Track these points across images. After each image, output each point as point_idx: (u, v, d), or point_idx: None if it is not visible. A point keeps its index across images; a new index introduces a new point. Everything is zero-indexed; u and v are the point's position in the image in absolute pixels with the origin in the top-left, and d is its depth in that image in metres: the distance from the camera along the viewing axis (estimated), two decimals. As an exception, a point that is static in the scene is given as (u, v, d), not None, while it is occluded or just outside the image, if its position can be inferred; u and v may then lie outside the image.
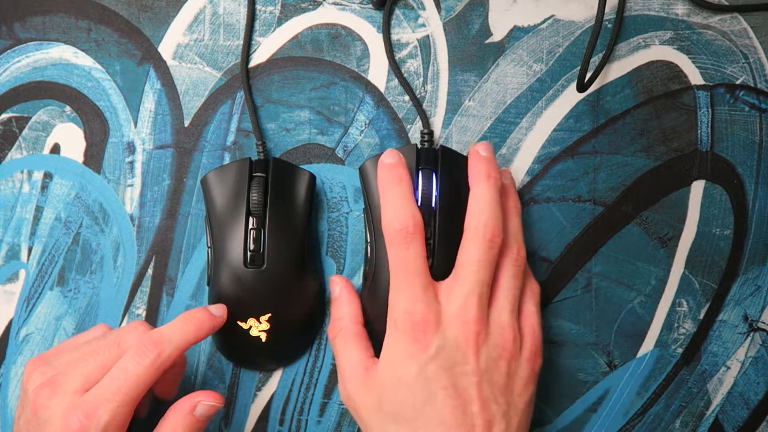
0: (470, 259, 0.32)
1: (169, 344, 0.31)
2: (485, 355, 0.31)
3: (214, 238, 0.37)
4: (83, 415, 0.29)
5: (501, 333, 0.32)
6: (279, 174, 0.38)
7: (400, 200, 0.33)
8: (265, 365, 0.39)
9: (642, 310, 0.39)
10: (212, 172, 0.37)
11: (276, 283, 0.37)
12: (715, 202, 0.39)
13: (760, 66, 0.40)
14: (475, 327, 0.31)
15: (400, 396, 0.31)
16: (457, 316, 0.31)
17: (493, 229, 0.33)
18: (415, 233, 0.32)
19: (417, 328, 0.31)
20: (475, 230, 0.33)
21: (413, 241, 0.32)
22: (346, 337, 0.35)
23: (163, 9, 0.42)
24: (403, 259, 0.32)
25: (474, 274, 0.32)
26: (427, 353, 0.31)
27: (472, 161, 0.35)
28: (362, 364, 0.34)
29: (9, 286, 0.41)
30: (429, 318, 0.31)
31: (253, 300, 0.37)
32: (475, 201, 0.34)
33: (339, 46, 0.41)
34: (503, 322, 0.33)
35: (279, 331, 0.37)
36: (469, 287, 0.32)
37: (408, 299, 0.32)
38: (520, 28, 0.41)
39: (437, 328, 0.31)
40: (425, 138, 0.39)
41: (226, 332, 0.37)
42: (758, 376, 0.39)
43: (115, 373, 0.30)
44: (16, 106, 0.42)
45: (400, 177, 0.34)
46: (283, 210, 0.37)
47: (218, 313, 0.35)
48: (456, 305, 0.32)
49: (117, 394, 0.30)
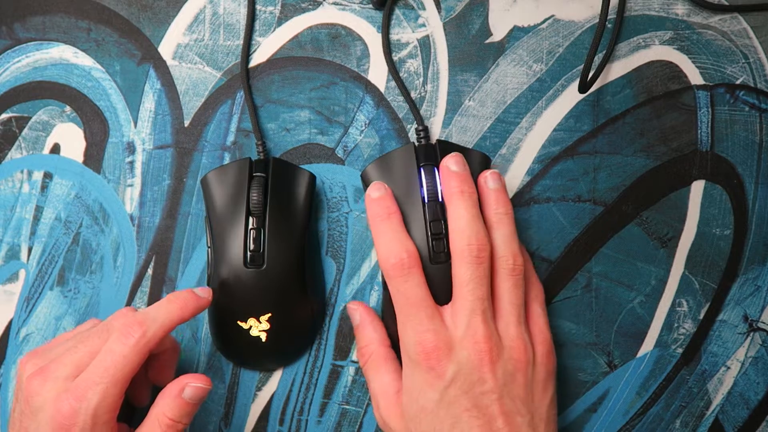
0: (464, 280, 0.32)
1: (153, 323, 0.32)
2: (501, 370, 0.31)
3: (214, 238, 0.37)
4: (74, 398, 0.30)
5: (512, 345, 0.32)
6: (279, 174, 0.37)
7: (392, 234, 0.33)
8: (265, 365, 0.39)
9: (642, 310, 0.39)
10: (212, 172, 0.37)
11: (276, 283, 0.37)
12: (715, 202, 0.39)
13: (760, 66, 0.40)
14: (486, 345, 0.31)
15: (427, 424, 0.31)
16: (466, 338, 0.31)
17: (478, 245, 0.32)
18: (411, 265, 0.33)
19: (430, 357, 0.31)
20: (461, 251, 0.33)
21: (410, 272, 0.32)
22: (377, 362, 0.35)
23: (163, 9, 0.42)
24: (404, 291, 0.32)
25: (471, 293, 0.32)
26: (444, 380, 0.31)
27: (444, 178, 0.35)
28: (393, 387, 0.34)
29: (9, 286, 0.41)
30: (440, 345, 0.31)
31: (253, 300, 0.37)
32: (454, 220, 0.33)
33: (339, 46, 0.41)
34: (512, 334, 0.33)
35: (279, 331, 0.37)
36: (470, 307, 0.32)
37: (416, 330, 0.32)
38: (520, 28, 0.41)
39: (449, 353, 0.31)
40: (420, 135, 0.39)
41: (226, 332, 0.37)
42: (758, 376, 0.39)
43: (102, 356, 0.31)
44: (16, 106, 0.42)
45: (389, 210, 0.34)
46: (283, 210, 0.37)
47: (203, 295, 0.35)
48: (462, 328, 0.32)
49: (105, 376, 0.30)
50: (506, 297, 0.33)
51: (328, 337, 0.40)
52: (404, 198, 0.36)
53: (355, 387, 0.39)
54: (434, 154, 0.36)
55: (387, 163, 0.37)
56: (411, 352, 0.32)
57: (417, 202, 0.35)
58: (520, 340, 0.33)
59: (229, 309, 0.37)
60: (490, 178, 0.35)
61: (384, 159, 0.37)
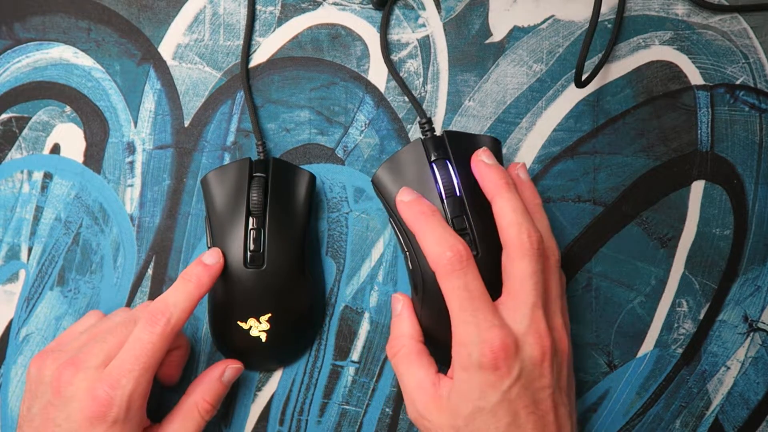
0: (525, 274, 0.31)
1: (175, 308, 0.33)
2: (555, 365, 0.31)
3: (214, 238, 0.37)
4: (108, 386, 0.31)
5: (559, 339, 0.32)
6: (279, 174, 0.37)
7: (441, 230, 0.32)
8: (266, 365, 0.39)
9: (642, 310, 0.39)
10: (212, 173, 0.37)
11: (276, 283, 0.37)
12: (715, 202, 0.39)
13: (760, 66, 0.40)
14: (548, 340, 0.31)
15: (482, 422, 0.31)
16: (529, 334, 0.31)
17: (537, 237, 0.32)
18: (468, 257, 0.31)
19: (497, 356, 0.30)
20: (520, 243, 0.31)
21: (469, 265, 0.31)
22: (408, 355, 0.34)
23: (163, 9, 0.42)
24: (463, 287, 0.31)
25: (534, 287, 0.31)
26: (510, 378, 0.30)
27: (482, 173, 0.34)
28: (430, 381, 0.33)
29: (9, 286, 0.41)
30: (507, 342, 0.30)
31: (253, 300, 0.37)
32: (508, 212, 0.32)
33: (339, 46, 0.41)
34: (557, 326, 0.32)
35: (279, 331, 0.37)
36: (533, 301, 0.31)
37: (479, 329, 0.30)
38: (520, 28, 0.41)
39: (516, 351, 0.30)
40: (426, 128, 0.37)
41: (227, 333, 0.37)
42: (758, 376, 0.39)
43: (130, 344, 0.32)
44: (16, 106, 0.42)
45: (430, 208, 0.33)
46: (283, 210, 0.37)
47: (212, 261, 0.35)
48: (525, 323, 0.31)
49: (136, 364, 0.32)
50: (554, 290, 0.33)
51: (328, 338, 0.40)
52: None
53: (355, 387, 0.39)
54: (444, 146, 0.35)
55: (397, 163, 0.36)
56: (474, 352, 0.30)
57: (434, 200, 0.34)
58: (563, 332, 0.32)
59: (229, 309, 0.37)
60: (521, 169, 0.36)
61: (393, 159, 0.36)
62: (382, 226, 0.40)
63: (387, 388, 0.39)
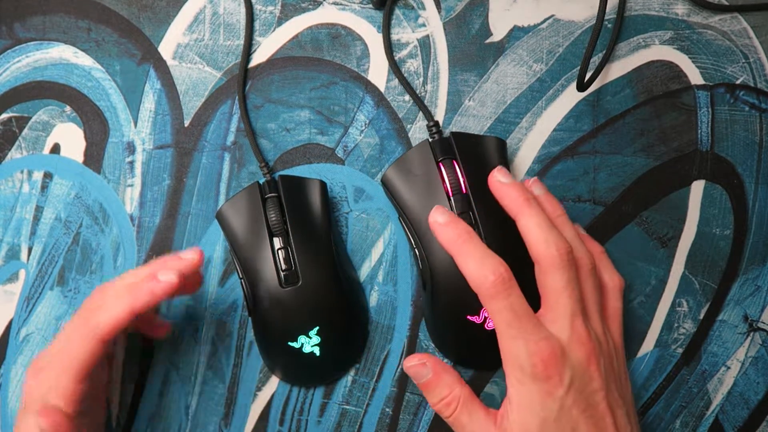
0: (560, 286, 0.32)
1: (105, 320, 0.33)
2: (603, 367, 0.32)
3: (244, 268, 0.36)
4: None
5: (601, 340, 0.33)
6: (290, 190, 0.37)
7: (481, 252, 0.32)
8: (326, 378, 0.39)
9: (642, 310, 0.39)
10: (225, 205, 0.37)
11: (315, 295, 0.36)
12: (715, 202, 0.39)
13: (760, 66, 0.40)
14: (591, 344, 0.32)
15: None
16: (572, 340, 0.32)
17: (566, 249, 0.32)
18: (511, 277, 0.32)
19: (548, 366, 0.31)
20: (551, 258, 0.32)
21: (512, 285, 0.32)
22: (467, 404, 0.34)
23: (163, 9, 0.42)
24: (509, 307, 0.32)
25: (570, 297, 0.32)
26: (563, 385, 0.31)
27: (501, 192, 0.34)
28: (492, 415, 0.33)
29: (9, 286, 0.41)
30: (555, 352, 0.31)
31: (298, 318, 0.36)
32: (533, 228, 0.33)
33: (339, 46, 0.41)
34: (598, 330, 0.33)
35: (330, 340, 0.37)
36: (571, 310, 0.32)
37: (528, 342, 0.31)
38: (520, 27, 0.41)
39: (564, 358, 0.31)
40: (433, 130, 0.39)
41: (280, 356, 0.37)
42: (758, 376, 0.39)
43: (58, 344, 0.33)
44: (16, 106, 0.42)
45: (467, 230, 0.33)
46: (303, 223, 0.37)
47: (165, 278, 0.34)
48: (567, 331, 0.32)
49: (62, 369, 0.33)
50: (590, 297, 0.34)
51: (328, 337, 0.40)
52: (428, 195, 0.36)
53: (354, 387, 0.39)
54: (451, 148, 0.37)
55: (405, 164, 0.37)
56: (525, 365, 0.31)
57: (442, 199, 0.36)
58: (603, 334, 0.33)
59: (276, 333, 0.37)
60: (534, 185, 0.36)
61: (402, 160, 0.37)
62: (381, 226, 0.40)
63: (387, 388, 0.39)
